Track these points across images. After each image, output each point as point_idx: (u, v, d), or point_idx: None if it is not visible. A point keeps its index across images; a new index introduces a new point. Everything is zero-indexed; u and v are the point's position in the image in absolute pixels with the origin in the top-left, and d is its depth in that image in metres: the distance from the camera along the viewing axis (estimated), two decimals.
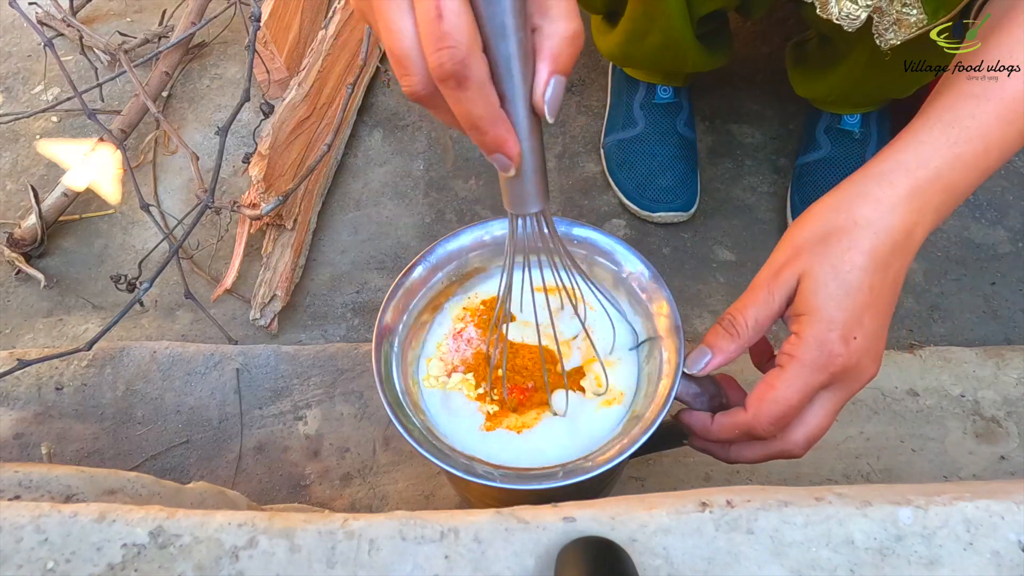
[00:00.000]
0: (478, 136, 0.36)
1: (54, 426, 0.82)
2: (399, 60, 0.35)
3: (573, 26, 0.35)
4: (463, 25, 0.33)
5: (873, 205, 0.48)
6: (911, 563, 0.43)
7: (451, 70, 0.33)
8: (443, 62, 0.33)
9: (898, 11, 0.60)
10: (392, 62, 0.35)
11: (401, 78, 0.35)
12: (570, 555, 0.42)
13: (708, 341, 0.51)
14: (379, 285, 1.01)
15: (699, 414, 0.52)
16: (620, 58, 0.97)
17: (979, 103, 0.49)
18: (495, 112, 0.36)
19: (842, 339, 0.47)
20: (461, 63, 0.33)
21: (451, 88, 0.34)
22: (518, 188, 0.41)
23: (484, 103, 0.35)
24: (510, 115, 0.36)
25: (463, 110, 0.35)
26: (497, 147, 0.37)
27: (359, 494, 0.78)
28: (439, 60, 0.33)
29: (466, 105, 0.35)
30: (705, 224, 1.03)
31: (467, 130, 0.36)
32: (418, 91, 0.35)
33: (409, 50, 0.34)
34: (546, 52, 0.36)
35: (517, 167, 0.38)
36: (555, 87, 0.37)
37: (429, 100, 0.36)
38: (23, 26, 1.30)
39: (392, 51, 0.35)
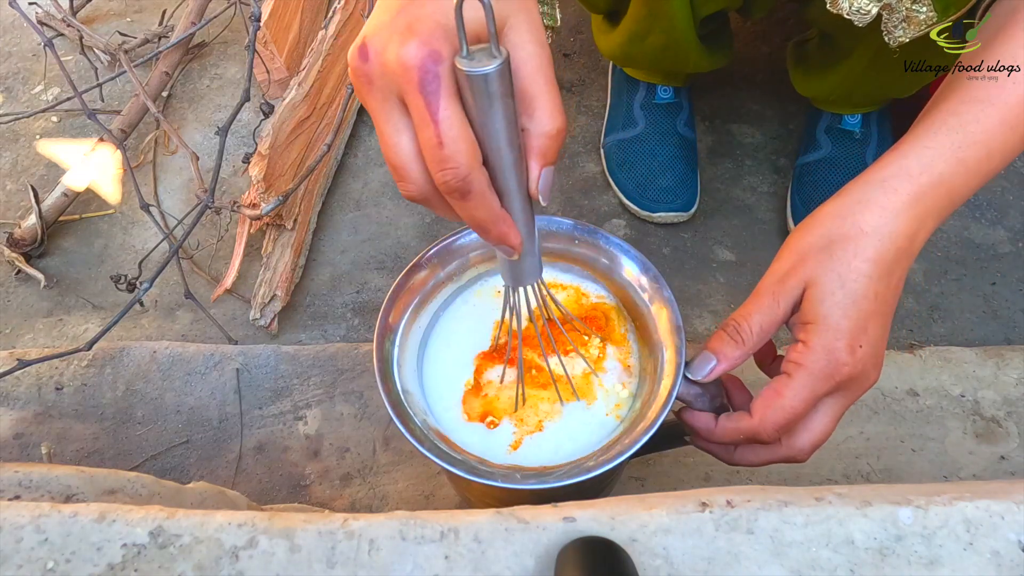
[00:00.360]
0: (483, 234, 0.41)
1: (54, 426, 0.82)
2: (397, 170, 0.39)
3: (557, 124, 0.39)
4: (462, 148, 0.36)
5: (877, 212, 0.48)
6: (911, 563, 0.43)
7: (455, 187, 0.37)
8: (447, 180, 0.37)
9: (908, 8, 0.60)
10: (391, 169, 0.40)
11: (399, 182, 0.39)
12: (570, 555, 0.42)
13: (713, 347, 0.51)
14: (379, 285, 1.01)
15: (703, 415, 0.52)
16: (621, 58, 0.97)
17: (983, 108, 0.49)
18: (497, 213, 0.40)
19: (848, 348, 0.47)
20: (463, 180, 0.37)
21: (456, 199, 0.38)
22: (516, 267, 0.46)
23: (486, 209, 0.39)
24: (509, 207, 0.41)
25: (468, 215, 0.39)
26: (500, 241, 0.41)
27: (359, 494, 0.78)
28: (443, 179, 0.37)
29: (470, 212, 0.39)
30: (705, 224, 1.03)
31: (472, 228, 0.41)
32: (415, 197, 0.40)
33: (406, 163, 0.38)
34: (535, 150, 0.40)
35: (519, 253, 0.43)
36: (546, 177, 0.41)
37: (425, 202, 0.40)
38: (23, 26, 1.30)
39: (390, 162, 0.39)
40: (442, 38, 0.36)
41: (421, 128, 0.37)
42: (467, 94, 0.36)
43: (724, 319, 0.52)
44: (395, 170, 0.39)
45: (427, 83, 0.35)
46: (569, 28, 1.22)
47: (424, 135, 0.37)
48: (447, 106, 0.36)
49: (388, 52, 0.36)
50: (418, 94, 0.36)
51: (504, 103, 0.37)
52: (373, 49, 0.37)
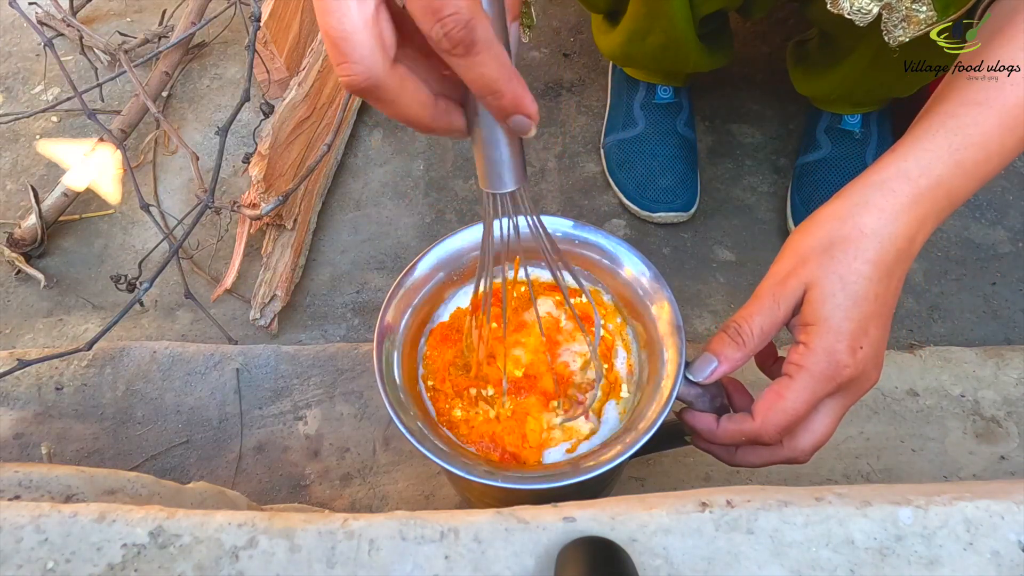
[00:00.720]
0: (496, 100, 0.34)
1: (54, 426, 0.82)
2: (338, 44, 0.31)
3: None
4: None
5: (877, 214, 0.49)
6: (911, 563, 0.43)
7: (459, 37, 0.31)
8: (448, 30, 0.30)
9: (908, 7, 0.60)
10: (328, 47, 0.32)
11: (339, 66, 0.32)
12: (570, 555, 0.42)
13: (714, 349, 0.51)
14: (379, 285, 1.01)
15: (704, 416, 0.52)
16: (621, 58, 0.97)
17: (982, 110, 0.49)
18: (509, 69, 0.33)
19: (850, 350, 0.47)
20: (467, 27, 0.31)
21: (459, 56, 0.31)
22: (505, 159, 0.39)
23: (497, 62, 0.32)
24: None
25: (476, 75, 0.32)
26: (516, 107, 0.34)
27: (359, 494, 0.78)
28: (444, 29, 0.30)
29: (479, 69, 0.32)
30: (705, 224, 1.03)
31: (481, 95, 0.34)
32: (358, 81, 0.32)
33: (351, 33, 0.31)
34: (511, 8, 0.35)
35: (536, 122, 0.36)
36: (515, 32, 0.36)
37: (372, 93, 0.33)
38: (23, 26, 1.30)
39: (330, 34, 0.31)
40: None
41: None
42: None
43: (724, 319, 0.52)
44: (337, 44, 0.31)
45: None
46: (569, 28, 1.22)
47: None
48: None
49: None
50: None
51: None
52: None
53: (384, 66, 0.32)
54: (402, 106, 0.34)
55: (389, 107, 0.34)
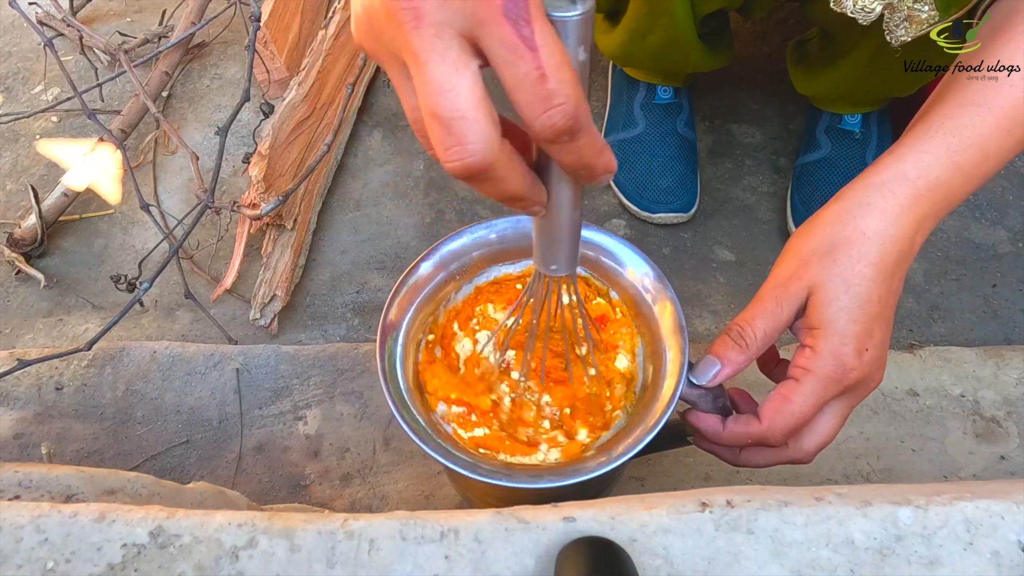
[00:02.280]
0: (589, 173, 0.34)
1: (54, 426, 0.82)
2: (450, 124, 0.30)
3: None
4: (569, 78, 0.30)
5: (878, 216, 0.49)
6: (911, 563, 0.43)
7: (565, 127, 0.30)
8: (556, 122, 0.30)
9: (910, 7, 0.60)
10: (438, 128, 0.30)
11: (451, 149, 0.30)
12: (570, 555, 0.42)
13: (717, 352, 0.51)
14: (379, 285, 1.01)
15: (709, 418, 0.52)
16: (621, 57, 0.97)
17: (979, 111, 0.49)
18: (601, 145, 0.33)
19: (856, 353, 0.47)
20: (574, 118, 0.30)
21: (563, 143, 0.31)
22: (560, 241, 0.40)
23: (594, 145, 0.32)
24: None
25: (575, 158, 0.32)
26: (606, 170, 0.34)
27: (359, 494, 0.78)
28: (551, 120, 0.30)
29: (579, 152, 0.32)
30: (705, 224, 1.03)
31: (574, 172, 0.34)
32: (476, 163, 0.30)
33: (469, 112, 0.30)
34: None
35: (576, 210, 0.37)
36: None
37: (484, 174, 0.31)
38: (23, 26, 1.30)
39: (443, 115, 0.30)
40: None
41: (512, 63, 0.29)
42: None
43: (725, 319, 0.52)
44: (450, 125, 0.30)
45: (512, 5, 0.29)
46: None
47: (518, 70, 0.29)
48: (543, 28, 0.29)
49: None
50: (503, 21, 0.29)
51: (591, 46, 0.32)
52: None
53: (499, 145, 0.31)
54: (510, 184, 0.33)
55: (496, 185, 0.33)
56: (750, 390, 0.55)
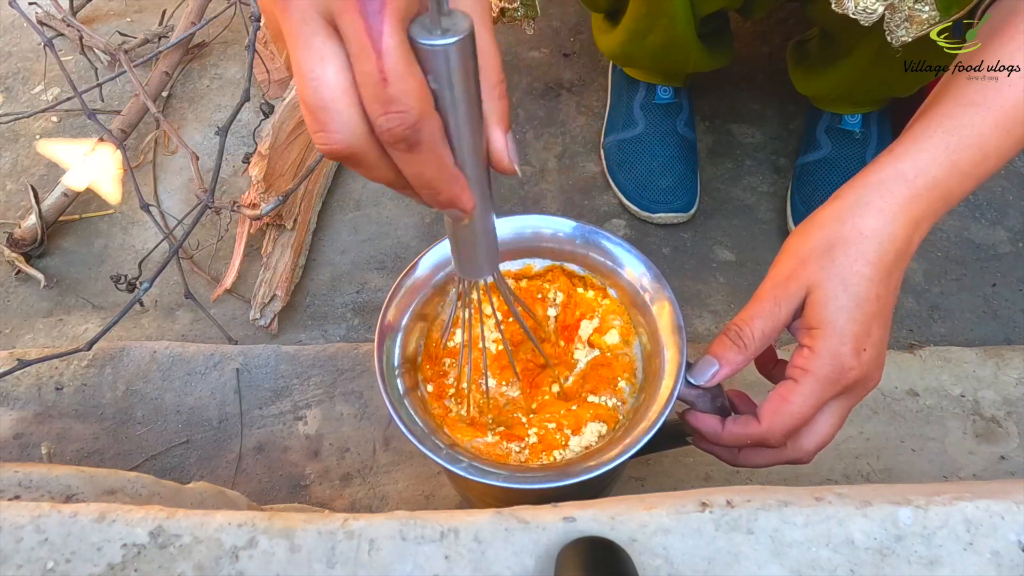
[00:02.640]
0: (430, 195, 0.34)
1: (54, 426, 0.82)
2: (316, 112, 0.30)
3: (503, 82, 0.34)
4: (412, 86, 0.29)
5: (875, 215, 0.49)
6: (911, 563, 0.43)
7: (401, 135, 0.30)
8: (392, 127, 0.30)
9: (910, 7, 0.60)
10: (306, 113, 0.31)
11: (316, 134, 0.31)
12: (570, 555, 0.42)
13: (715, 352, 0.51)
14: (379, 285, 1.01)
15: (708, 418, 0.52)
16: (621, 57, 0.97)
17: (978, 111, 0.49)
18: (450, 171, 0.33)
19: (854, 352, 0.47)
20: (412, 128, 0.30)
21: (401, 151, 0.31)
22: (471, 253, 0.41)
23: (438, 164, 0.32)
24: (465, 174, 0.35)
25: (415, 172, 0.32)
26: (451, 203, 0.34)
27: (359, 494, 0.78)
28: (387, 124, 0.30)
29: (418, 167, 0.32)
30: (705, 224, 1.03)
31: (417, 189, 0.34)
32: (340, 150, 0.31)
33: (332, 102, 0.30)
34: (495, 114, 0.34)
35: (471, 217, 0.37)
36: (512, 142, 0.36)
37: (351, 160, 0.32)
38: (23, 26, 1.30)
39: (308, 101, 0.30)
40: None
41: (360, 59, 0.29)
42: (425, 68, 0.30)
43: (724, 319, 0.52)
44: (315, 113, 0.30)
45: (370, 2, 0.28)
46: (569, 28, 1.22)
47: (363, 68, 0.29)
48: (393, 32, 0.29)
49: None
50: (357, 14, 0.29)
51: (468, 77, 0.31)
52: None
53: (363, 135, 0.31)
54: (380, 172, 0.33)
55: (367, 173, 0.33)
56: (748, 390, 0.55)
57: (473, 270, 0.43)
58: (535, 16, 0.76)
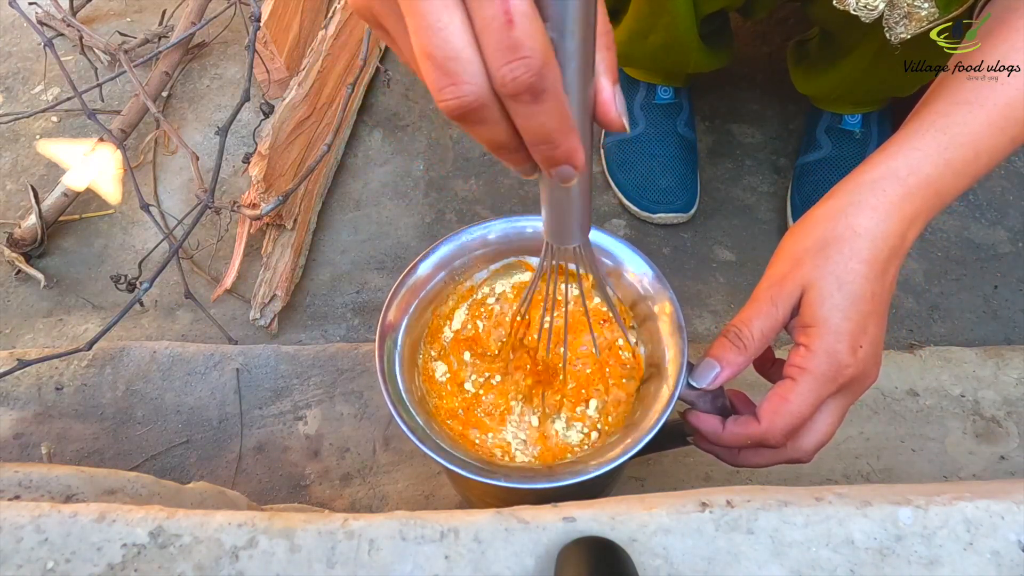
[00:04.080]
0: (548, 150, 0.32)
1: (54, 426, 0.82)
2: (444, 65, 0.29)
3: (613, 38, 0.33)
4: (537, 32, 0.28)
5: (869, 213, 0.49)
6: (911, 563, 0.43)
7: (527, 82, 0.29)
8: (518, 75, 0.29)
9: (909, 4, 0.60)
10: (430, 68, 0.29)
11: (444, 89, 0.29)
12: (570, 555, 0.42)
13: (715, 354, 0.51)
14: (379, 285, 1.01)
15: (709, 418, 0.52)
16: (622, 57, 0.97)
17: (971, 109, 0.49)
18: (569, 123, 0.31)
19: (850, 349, 0.47)
20: (538, 75, 0.29)
21: (524, 103, 0.30)
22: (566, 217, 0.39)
23: (559, 115, 0.31)
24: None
25: (535, 124, 0.31)
26: (567, 159, 0.33)
27: (359, 494, 0.78)
28: (513, 73, 0.28)
29: (540, 119, 0.30)
30: (705, 224, 1.03)
31: (534, 144, 0.32)
32: (469, 102, 0.29)
33: (460, 50, 0.28)
34: (605, 65, 0.33)
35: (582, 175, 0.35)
36: (620, 96, 0.34)
37: (477, 115, 0.30)
38: (23, 26, 1.30)
39: (433, 54, 0.29)
40: None
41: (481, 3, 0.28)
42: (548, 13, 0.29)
43: (724, 319, 0.52)
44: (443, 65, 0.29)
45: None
46: None
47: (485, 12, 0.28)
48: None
49: None
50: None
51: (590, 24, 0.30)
52: None
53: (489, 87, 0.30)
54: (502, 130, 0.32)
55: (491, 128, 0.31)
56: (748, 390, 0.55)
57: (566, 236, 0.41)
58: None
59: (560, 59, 0.30)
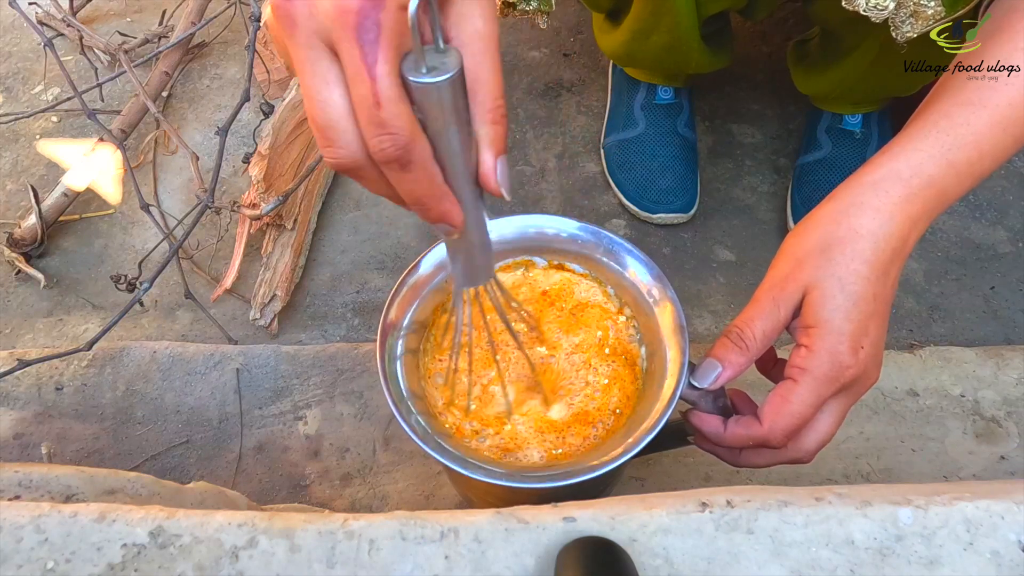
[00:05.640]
0: (421, 211, 0.37)
1: (54, 426, 0.82)
2: (323, 131, 0.33)
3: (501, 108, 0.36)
4: (404, 110, 0.32)
5: (871, 214, 0.49)
6: (911, 563, 0.43)
7: (393, 155, 0.33)
8: (384, 148, 0.33)
9: (916, 3, 0.60)
10: (315, 130, 0.34)
11: (325, 148, 0.34)
12: (570, 555, 0.42)
13: (717, 355, 0.51)
14: (379, 285, 1.01)
15: (711, 418, 0.52)
16: (623, 57, 0.97)
17: (974, 110, 0.49)
18: (440, 189, 0.36)
19: (851, 350, 0.47)
20: (404, 148, 0.33)
21: (394, 170, 0.34)
22: (467, 263, 0.44)
23: (428, 182, 0.35)
24: (455, 192, 0.37)
25: (407, 189, 0.35)
26: (441, 219, 0.37)
27: (359, 494, 0.78)
28: (380, 145, 0.33)
29: (409, 185, 0.35)
30: (705, 224, 1.03)
31: (409, 205, 0.36)
32: (345, 164, 0.34)
33: (336, 122, 0.33)
34: (486, 139, 0.36)
35: (460, 232, 0.39)
36: (502, 166, 0.37)
37: (356, 172, 0.35)
38: (23, 26, 1.30)
39: (315, 120, 0.33)
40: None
41: (355, 83, 0.32)
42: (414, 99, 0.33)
43: (725, 319, 0.52)
44: (322, 131, 0.33)
45: (365, 30, 0.31)
46: (569, 28, 1.22)
47: (358, 91, 0.32)
48: (387, 59, 0.31)
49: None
50: (354, 42, 0.31)
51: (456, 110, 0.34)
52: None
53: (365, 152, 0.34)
54: (381, 186, 0.36)
55: (369, 186, 0.36)
56: (749, 390, 0.55)
57: (466, 279, 0.45)
58: (549, 10, 0.75)
59: (430, 135, 0.34)
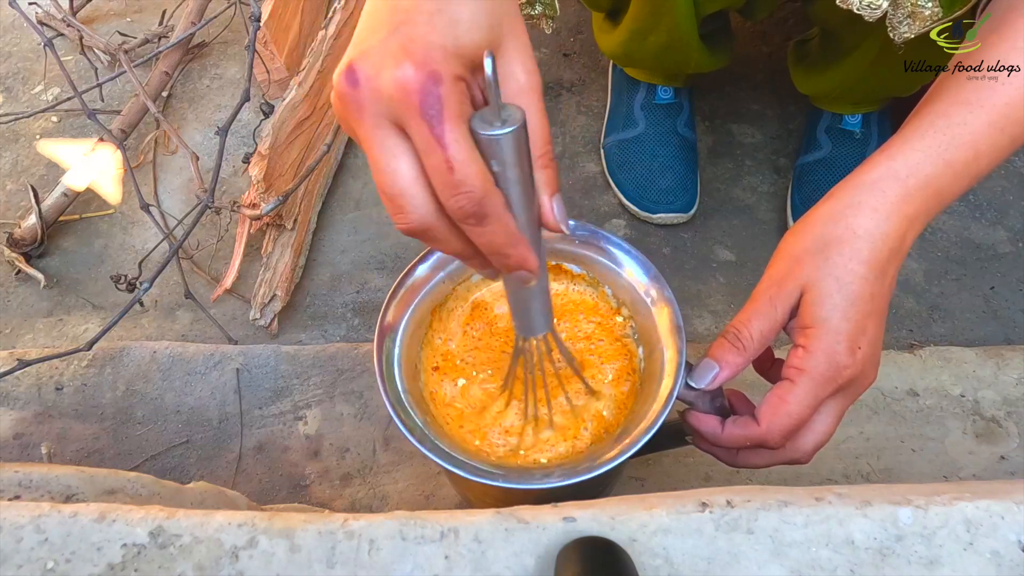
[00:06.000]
0: (501, 260, 0.39)
1: (54, 426, 0.82)
2: (393, 199, 0.36)
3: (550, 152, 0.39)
4: (474, 171, 0.35)
5: (869, 214, 0.49)
6: (911, 563, 0.43)
7: (471, 211, 0.36)
8: (462, 205, 0.35)
9: (913, 4, 0.60)
10: (385, 200, 0.37)
11: (395, 215, 0.37)
12: (570, 555, 0.42)
13: (714, 355, 0.51)
14: (379, 285, 1.01)
15: (709, 418, 0.52)
16: (622, 57, 0.97)
17: (972, 110, 0.49)
18: (516, 236, 0.38)
19: (849, 350, 0.47)
20: (479, 203, 0.35)
21: (472, 225, 0.36)
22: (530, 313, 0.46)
23: (505, 231, 0.37)
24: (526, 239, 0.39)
25: (486, 241, 0.38)
26: (520, 264, 0.39)
27: (359, 494, 0.78)
28: (458, 204, 0.35)
29: (488, 237, 0.37)
30: (705, 224, 1.03)
31: (488, 255, 0.39)
32: (415, 228, 0.37)
33: (406, 190, 0.36)
34: (542, 182, 0.39)
35: (537, 276, 0.41)
36: (559, 205, 0.40)
37: (425, 235, 0.38)
38: (23, 26, 1.30)
39: (387, 192, 0.36)
40: (440, 59, 0.34)
41: (428, 154, 0.35)
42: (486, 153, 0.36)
43: (724, 319, 0.52)
44: (393, 200, 0.37)
45: (429, 106, 0.34)
46: (569, 28, 1.22)
47: (432, 161, 0.35)
48: (453, 128, 0.34)
49: (382, 76, 0.35)
50: (420, 119, 0.34)
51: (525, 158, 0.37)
52: (363, 74, 0.35)
53: (434, 214, 0.37)
54: (451, 246, 0.39)
55: (440, 246, 0.39)
56: (747, 390, 0.55)
57: (531, 328, 0.47)
58: (554, 15, 0.75)
59: (503, 186, 0.37)
